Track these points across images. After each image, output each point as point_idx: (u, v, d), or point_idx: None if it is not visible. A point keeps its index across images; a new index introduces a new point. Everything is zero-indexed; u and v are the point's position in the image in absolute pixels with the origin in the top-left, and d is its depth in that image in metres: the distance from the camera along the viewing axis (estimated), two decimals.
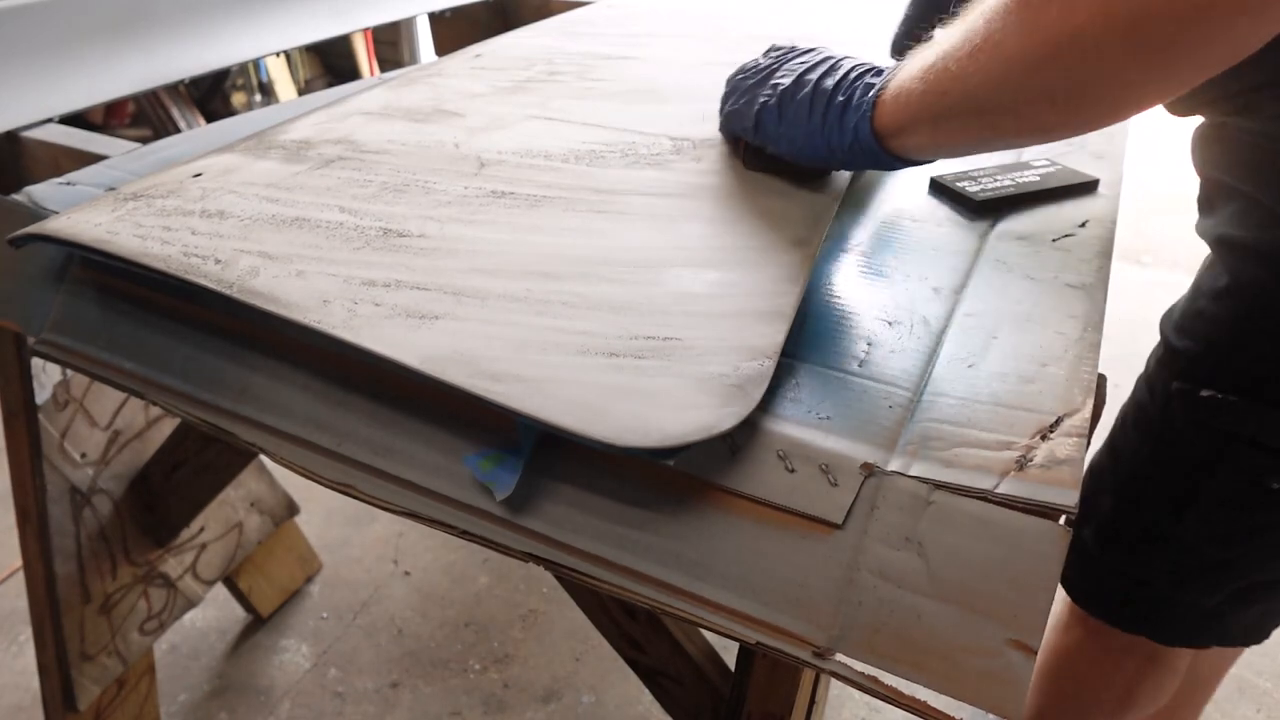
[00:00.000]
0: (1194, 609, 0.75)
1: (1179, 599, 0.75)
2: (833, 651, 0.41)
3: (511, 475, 0.47)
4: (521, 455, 0.48)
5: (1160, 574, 0.74)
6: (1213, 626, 0.77)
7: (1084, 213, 0.69)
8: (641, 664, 0.80)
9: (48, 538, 0.98)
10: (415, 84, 0.87)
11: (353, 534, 1.62)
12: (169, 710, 1.30)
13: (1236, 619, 0.76)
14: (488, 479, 0.47)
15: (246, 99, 3.25)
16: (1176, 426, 0.70)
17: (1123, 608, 0.80)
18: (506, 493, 0.47)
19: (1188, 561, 0.72)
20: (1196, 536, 0.70)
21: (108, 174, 0.73)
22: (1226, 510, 0.68)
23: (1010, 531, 0.41)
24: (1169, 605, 0.76)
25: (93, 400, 1.01)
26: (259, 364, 0.56)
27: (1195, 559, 0.72)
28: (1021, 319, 0.56)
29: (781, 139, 0.60)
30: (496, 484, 0.47)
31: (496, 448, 0.49)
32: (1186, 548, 0.72)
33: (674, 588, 0.45)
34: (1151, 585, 0.76)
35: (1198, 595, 0.74)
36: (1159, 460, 0.72)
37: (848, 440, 0.46)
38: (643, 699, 1.31)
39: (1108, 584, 0.80)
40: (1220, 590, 0.73)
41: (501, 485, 0.47)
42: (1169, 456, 0.71)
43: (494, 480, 0.47)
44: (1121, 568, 0.77)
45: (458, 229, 0.59)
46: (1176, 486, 0.71)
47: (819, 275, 0.61)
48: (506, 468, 0.47)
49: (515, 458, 0.48)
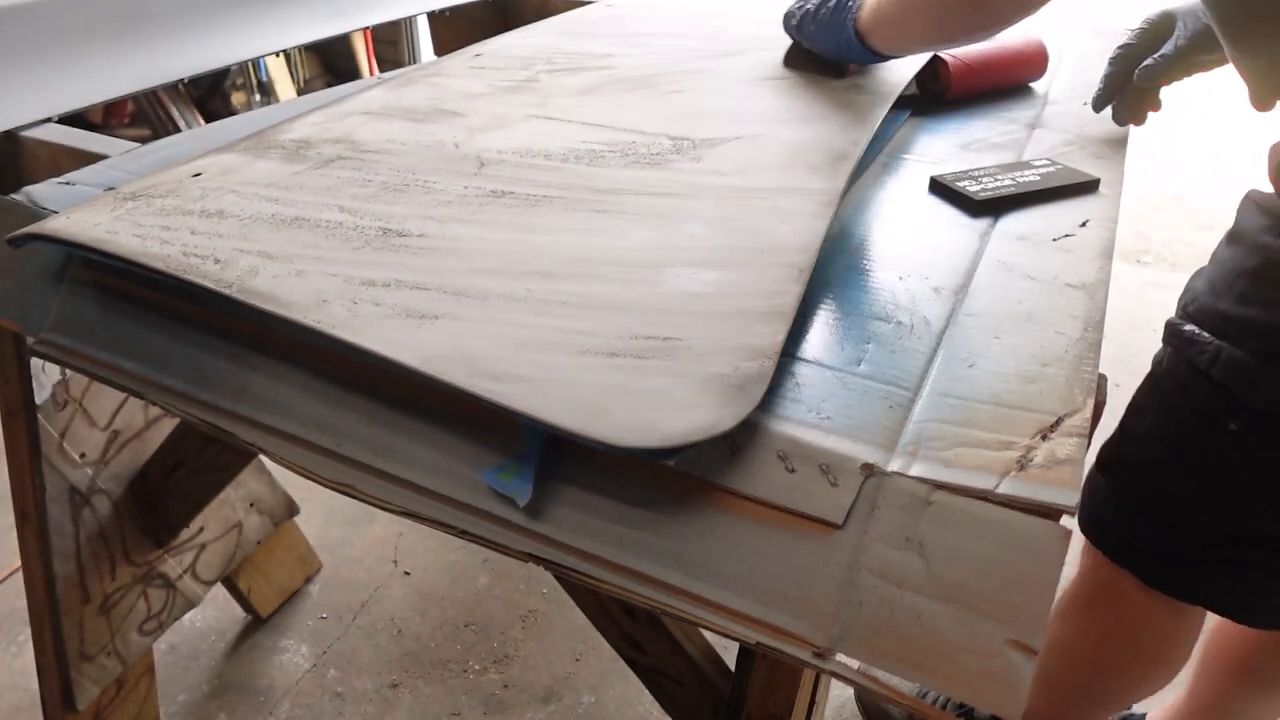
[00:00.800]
0: (1174, 552, 0.78)
1: (1157, 537, 0.79)
2: (833, 651, 0.41)
3: (528, 483, 0.47)
4: (532, 461, 0.48)
5: (1140, 504, 0.78)
6: (1198, 583, 0.79)
7: (1084, 212, 0.69)
8: (641, 664, 0.80)
9: (47, 538, 0.98)
10: (415, 84, 0.87)
11: (352, 534, 1.62)
12: (168, 710, 1.30)
13: (1222, 583, 0.78)
14: (509, 490, 0.48)
15: (246, 99, 3.25)
16: (1167, 362, 0.77)
17: (1114, 537, 0.82)
18: (526, 500, 0.47)
19: (1159, 491, 0.77)
20: (1168, 464, 0.76)
21: (107, 174, 0.73)
22: (1189, 443, 0.74)
23: (1011, 531, 0.41)
24: (1150, 543, 0.80)
25: (92, 400, 1.01)
26: (258, 364, 0.55)
27: (1164, 488, 0.77)
28: (1022, 319, 0.56)
29: (810, 37, 0.89)
30: (518, 494, 0.47)
31: (510, 458, 0.49)
32: (1158, 476, 0.77)
33: (674, 588, 0.45)
34: (1134, 516, 0.79)
35: (1172, 532, 0.77)
36: (1150, 393, 0.80)
37: (848, 440, 0.45)
38: (643, 699, 1.31)
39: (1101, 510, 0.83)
40: (1195, 538, 0.76)
41: (522, 494, 0.47)
42: (1158, 388, 0.78)
43: (515, 491, 0.47)
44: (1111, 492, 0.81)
45: (458, 229, 0.59)
46: (1158, 418, 0.77)
47: (819, 275, 0.61)
48: (523, 476, 0.48)
49: (528, 465, 0.48)
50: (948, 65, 0.92)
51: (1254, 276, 0.69)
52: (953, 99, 0.93)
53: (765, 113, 0.80)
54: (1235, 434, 0.70)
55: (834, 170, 0.68)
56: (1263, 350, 0.67)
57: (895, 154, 0.82)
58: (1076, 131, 0.85)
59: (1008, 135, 0.86)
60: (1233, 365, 0.69)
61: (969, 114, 0.91)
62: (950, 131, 0.87)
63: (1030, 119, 0.90)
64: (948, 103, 0.93)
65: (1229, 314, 0.70)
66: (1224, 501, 0.73)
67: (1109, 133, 0.85)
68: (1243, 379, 0.68)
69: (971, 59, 0.93)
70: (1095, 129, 0.86)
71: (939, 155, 0.81)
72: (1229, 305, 0.70)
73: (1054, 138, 0.84)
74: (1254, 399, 0.68)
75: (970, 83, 0.93)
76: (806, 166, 0.68)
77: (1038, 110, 0.92)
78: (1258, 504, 0.71)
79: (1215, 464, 0.72)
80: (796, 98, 0.83)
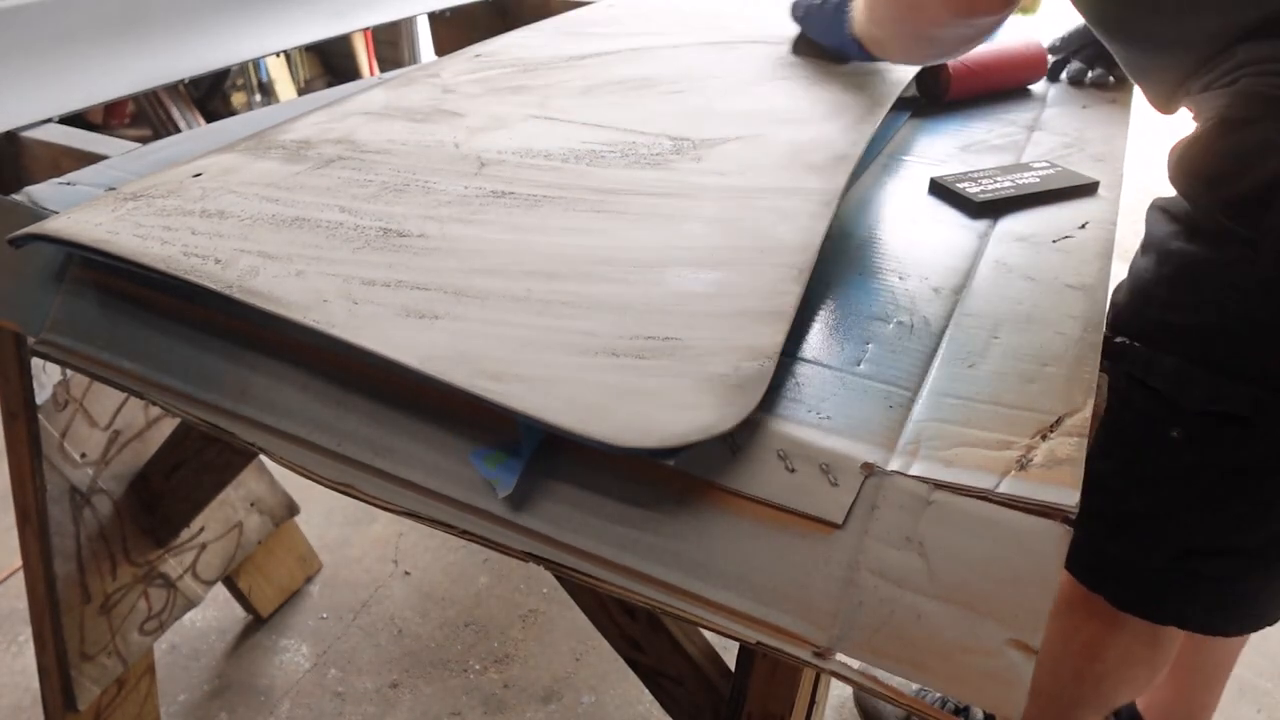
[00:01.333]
0: (1138, 569, 0.77)
1: (1119, 554, 0.77)
2: (833, 651, 0.41)
3: (512, 475, 0.47)
4: (523, 455, 0.48)
5: (1105, 524, 0.76)
6: (1166, 598, 0.78)
7: (1084, 215, 0.69)
8: (641, 664, 0.80)
9: (48, 538, 0.98)
10: (415, 84, 0.87)
11: (353, 534, 1.62)
12: (169, 710, 1.30)
13: (1190, 597, 0.77)
14: (491, 476, 0.48)
15: (246, 99, 3.25)
16: (1109, 372, 0.75)
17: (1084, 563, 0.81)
18: (507, 491, 0.47)
19: (1120, 509, 0.76)
20: (1121, 479, 0.75)
21: (108, 174, 0.73)
22: (1136, 454, 0.74)
23: (1011, 531, 0.41)
24: (1115, 562, 0.78)
25: (93, 400, 1.01)
26: (259, 364, 0.56)
27: (1124, 506, 0.75)
28: (1022, 319, 0.56)
29: (813, 30, 0.93)
30: (499, 482, 0.47)
31: (500, 446, 0.49)
32: (1115, 493, 0.75)
33: (674, 587, 0.45)
34: (1103, 540, 0.77)
35: (1135, 551, 0.76)
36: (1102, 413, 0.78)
37: (848, 440, 0.45)
38: (643, 699, 1.31)
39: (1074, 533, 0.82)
40: (1157, 551, 0.75)
41: (503, 483, 0.47)
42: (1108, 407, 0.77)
43: (497, 478, 0.47)
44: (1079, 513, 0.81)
45: (458, 229, 0.59)
46: (1108, 434, 0.76)
47: (819, 276, 0.61)
48: (508, 467, 0.48)
49: (517, 458, 0.48)
50: (947, 67, 0.92)
51: (1170, 284, 0.69)
52: (952, 101, 0.93)
53: (765, 113, 0.80)
54: (1177, 441, 0.70)
55: (834, 170, 0.68)
56: (1190, 354, 0.68)
57: (895, 155, 0.82)
58: (1075, 134, 0.85)
59: (1007, 137, 0.86)
60: (1165, 371, 0.69)
61: (968, 116, 0.91)
62: (950, 133, 0.87)
63: (1029, 121, 0.90)
64: (947, 104, 0.93)
65: (1155, 321, 0.70)
66: (1182, 512, 0.73)
67: (1108, 135, 0.85)
68: (1175, 383, 0.68)
69: (971, 61, 0.93)
70: (1094, 132, 0.86)
71: (938, 157, 0.82)
72: (1154, 313, 0.70)
73: (1053, 140, 0.84)
74: (1188, 401, 0.68)
75: (970, 85, 0.93)
76: (806, 166, 0.68)
77: (1036, 113, 0.92)
78: (1212, 512, 0.71)
79: (1166, 475, 0.72)
80: (796, 98, 0.83)
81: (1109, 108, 0.93)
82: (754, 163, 0.69)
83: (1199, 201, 0.66)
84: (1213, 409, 0.66)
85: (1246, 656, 1.39)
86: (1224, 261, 0.64)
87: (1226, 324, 0.65)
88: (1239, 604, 0.78)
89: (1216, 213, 0.64)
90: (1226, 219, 0.63)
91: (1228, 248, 0.64)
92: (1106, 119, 0.89)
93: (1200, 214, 0.66)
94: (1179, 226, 0.69)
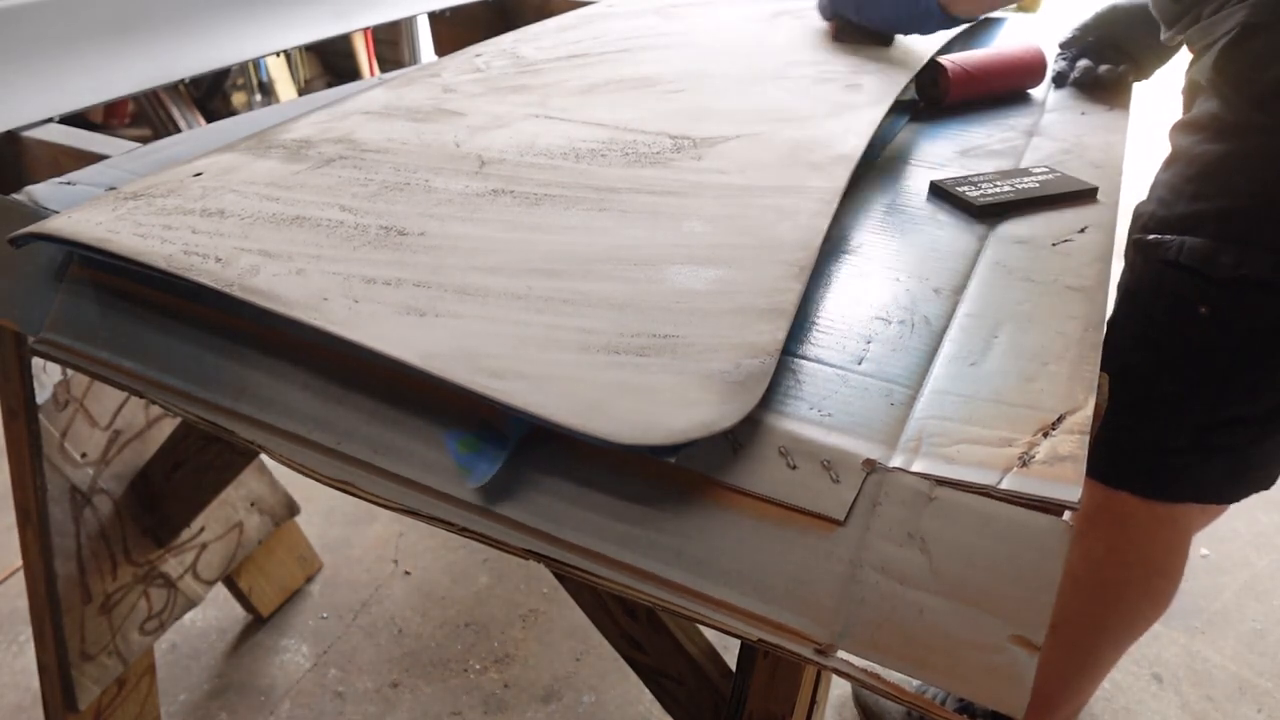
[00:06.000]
0: (1161, 452, 0.86)
1: (1145, 441, 0.86)
2: (835, 648, 0.41)
3: (490, 465, 0.46)
4: (505, 447, 0.47)
5: (1129, 410, 0.83)
6: (1184, 479, 0.87)
7: (1083, 219, 0.69)
8: (642, 664, 0.80)
9: (48, 538, 0.98)
10: (415, 84, 0.87)
11: (353, 534, 1.62)
12: (169, 710, 1.30)
13: (1205, 471, 0.86)
14: (464, 463, 0.46)
15: (246, 99, 3.25)
16: (1136, 272, 0.86)
17: (1105, 457, 0.88)
18: (481, 482, 0.46)
19: (1151, 394, 0.85)
20: (1152, 366, 0.84)
21: (108, 173, 0.73)
22: (1167, 335, 0.83)
23: (1013, 527, 0.41)
24: (1140, 451, 0.87)
25: (93, 400, 1.01)
26: (259, 362, 0.55)
27: (1154, 391, 0.85)
28: (1022, 319, 0.56)
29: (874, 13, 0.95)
30: (472, 471, 0.46)
31: (476, 433, 0.47)
32: (1147, 380, 0.84)
33: (675, 585, 0.45)
34: (1123, 431, 0.85)
35: (1161, 433, 0.86)
36: (1124, 305, 0.88)
37: (849, 437, 0.45)
38: (643, 699, 1.31)
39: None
40: (1181, 431, 0.84)
41: (478, 473, 0.46)
42: (1131, 299, 0.87)
43: (470, 467, 0.46)
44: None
45: (458, 227, 0.59)
46: (1137, 327, 0.85)
47: (820, 275, 0.61)
48: (486, 456, 0.46)
49: (497, 448, 0.47)
50: (947, 71, 0.92)
51: (1199, 179, 0.80)
52: (951, 105, 0.93)
53: (765, 112, 0.80)
54: (1206, 317, 0.79)
55: (834, 169, 0.68)
56: (1220, 233, 0.78)
57: (895, 159, 0.82)
58: (1074, 140, 0.85)
59: (1006, 142, 0.86)
60: (1196, 249, 0.79)
61: (968, 120, 0.91)
62: (949, 137, 0.87)
63: (1029, 126, 0.90)
64: (946, 108, 0.93)
65: (1186, 214, 0.80)
66: (1208, 386, 0.82)
67: (1106, 142, 0.85)
68: (1205, 257, 0.78)
69: (971, 65, 0.93)
70: (1093, 138, 0.86)
71: (938, 160, 0.82)
72: (1185, 208, 0.80)
73: (1052, 145, 0.84)
74: (1216, 271, 0.77)
75: (969, 89, 0.93)
76: (807, 165, 0.69)
77: (1036, 117, 0.92)
78: (1236, 382, 0.81)
79: (1193, 350, 0.81)
80: (797, 97, 0.83)
81: (1108, 114, 0.93)
82: (754, 161, 0.69)
83: (1229, 100, 0.78)
84: (1239, 274, 0.77)
85: (1246, 656, 1.40)
86: (1246, 152, 0.77)
87: (1250, 205, 0.76)
88: (1247, 471, 0.88)
89: (1245, 107, 0.76)
90: (1255, 110, 0.75)
91: (1249, 139, 0.76)
92: (1105, 125, 0.89)
93: (1229, 111, 0.78)
94: (1203, 134, 0.80)
